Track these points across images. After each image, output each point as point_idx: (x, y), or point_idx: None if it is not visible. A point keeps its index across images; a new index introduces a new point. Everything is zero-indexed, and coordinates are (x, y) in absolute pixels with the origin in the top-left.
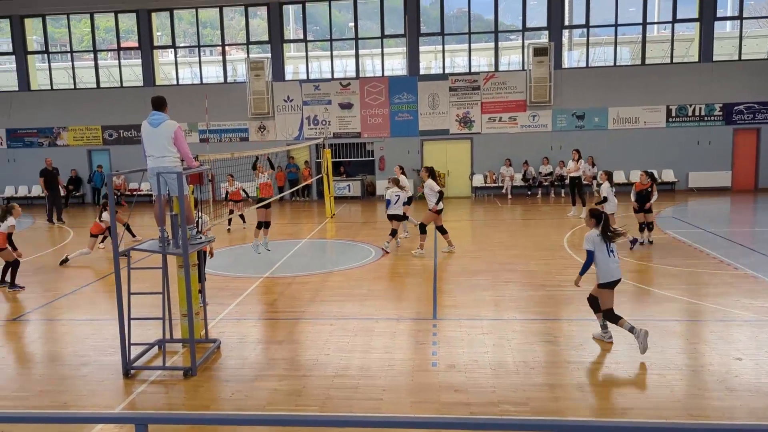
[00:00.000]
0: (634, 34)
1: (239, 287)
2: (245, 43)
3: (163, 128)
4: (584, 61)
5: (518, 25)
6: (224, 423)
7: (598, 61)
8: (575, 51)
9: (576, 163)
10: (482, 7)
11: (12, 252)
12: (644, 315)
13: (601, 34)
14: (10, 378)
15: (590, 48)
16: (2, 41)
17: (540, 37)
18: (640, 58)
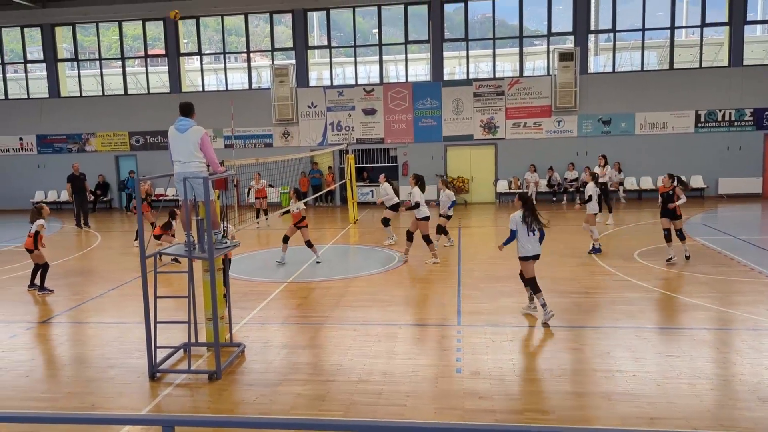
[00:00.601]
0: (661, 39)
1: (263, 292)
2: (270, 49)
3: (190, 134)
4: (611, 66)
5: (543, 30)
6: (250, 426)
7: (625, 66)
8: (601, 56)
9: (602, 169)
10: (507, 13)
11: (42, 254)
12: (673, 323)
13: (627, 39)
14: (40, 380)
15: (617, 53)
16: (33, 49)
17: (565, 42)
18: (668, 63)
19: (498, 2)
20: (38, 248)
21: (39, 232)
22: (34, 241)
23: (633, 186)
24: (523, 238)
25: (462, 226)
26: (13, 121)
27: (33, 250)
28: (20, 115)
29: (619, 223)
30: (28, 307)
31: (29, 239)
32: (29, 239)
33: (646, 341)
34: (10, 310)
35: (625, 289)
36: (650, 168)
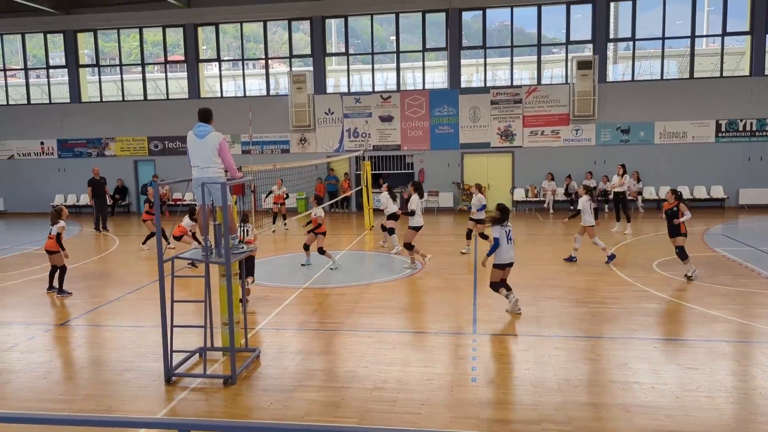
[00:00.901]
0: (681, 48)
1: (278, 297)
2: (288, 56)
3: (209, 139)
4: (629, 75)
5: (561, 39)
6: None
7: (644, 74)
8: (620, 64)
9: (621, 178)
10: (525, 21)
11: (62, 255)
12: (692, 335)
13: (647, 47)
14: (57, 381)
15: (636, 61)
16: (56, 55)
17: (584, 50)
18: (689, 72)
19: (516, 10)
20: (63, 249)
21: (60, 234)
22: (56, 242)
23: (652, 195)
24: (503, 247)
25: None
26: (35, 125)
27: (54, 252)
28: (42, 120)
29: (638, 232)
30: (46, 309)
31: (50, 241)
32: (50, 241)
33: (665, 353)
34: (29, 312)
35: (643, 299)
36: (669, 177)
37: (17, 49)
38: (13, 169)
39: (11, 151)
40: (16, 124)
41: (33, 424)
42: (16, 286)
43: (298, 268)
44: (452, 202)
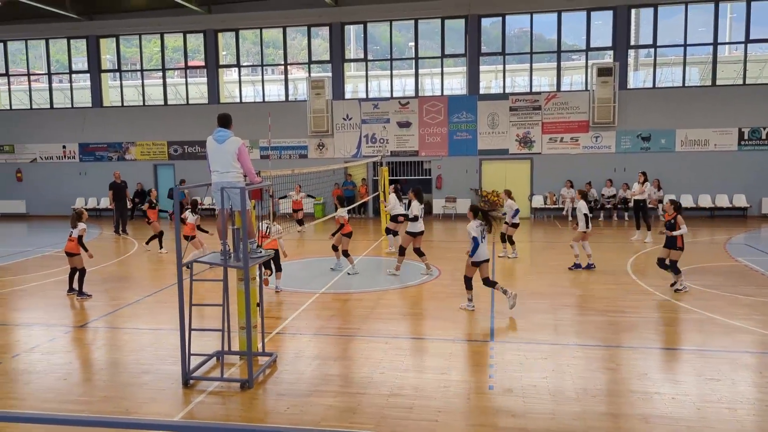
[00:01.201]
0: (704, 55)
1: (295, 302)
2: (307, 62)
3: (228, 144)
4: (650, 82)
5: (581, 45)
6: None
7: (666, 81)
8: (641, 71)
9: (641, 186)
10: (544, 27)
11: (83, 258)
12: (714, 345)
13: (668, 54)
14: (77, 383)
15: (657, 68)
16: (78, 60)
17: (604, 57)
18: (711, 79)
19: (536, 17)
20: (87, 251)
21: (81, 236)
22: (76, 245)
23: (690, 204)
24: (481, 245)
25: (496, 241)
26: (58, 129)
27: (74, 254)
28: (64, 124)
29: (658, 241)
30: (66, 311)
31: (70, 243)
32: (70, 243)
33: (686, 363)
34: (50, 313)
35: (663, 309)
36: (691, 185)
37: (41, 54)
38: (35, 173)
39: (34, 155)
40: (39, 128)
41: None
42: (37, 288)
43: (316, 273)
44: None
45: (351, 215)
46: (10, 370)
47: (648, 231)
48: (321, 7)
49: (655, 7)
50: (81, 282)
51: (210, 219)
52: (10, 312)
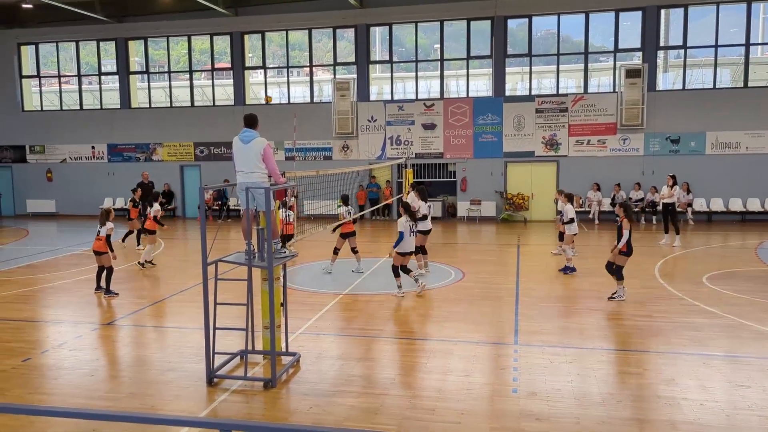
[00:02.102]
0: (735, 56)
1: (319, 303)
2: (332, 64)
3: (254, 145)
4: (680, 83)
5: (609, 46)
6: None
7: (696, 83)
8: (671, 72)
9: (670, 189)
10: (572, 29)
11: (110, 257)
12: (744, 351)
13: (699, 56)
14: (103, 380)
15: (687, 69)
16: (108, 62)
17: (632, 59)
18: (743, 81)
19: (563, 18)
20: (112, 251)
21: (109, 235)
22: (104, 243)
23: (702, 207)
24: (406, 239)
25: (521, 244)
26: (87, 130)
27: (102, 253)
28: (93, 125)
29: (687, 245)
30: (94, 308)
31: (98, 242)
32: (98, 242)
33: (715, 369)
34: (77, 311)
35: (692, 314)
36: (721, 189)
37: (71, 57)
38: (65, 173)
39: (64, 155)
40: (69, 129)
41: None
42: (66, 286)
43: (339, 273)
44: (495, 212)
45: (375, 217)
46: (39, 366)
47: (677, 235)
48: (346, 9)
49: (686, 8)
50: (108, 280)
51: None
52: (39, 309)
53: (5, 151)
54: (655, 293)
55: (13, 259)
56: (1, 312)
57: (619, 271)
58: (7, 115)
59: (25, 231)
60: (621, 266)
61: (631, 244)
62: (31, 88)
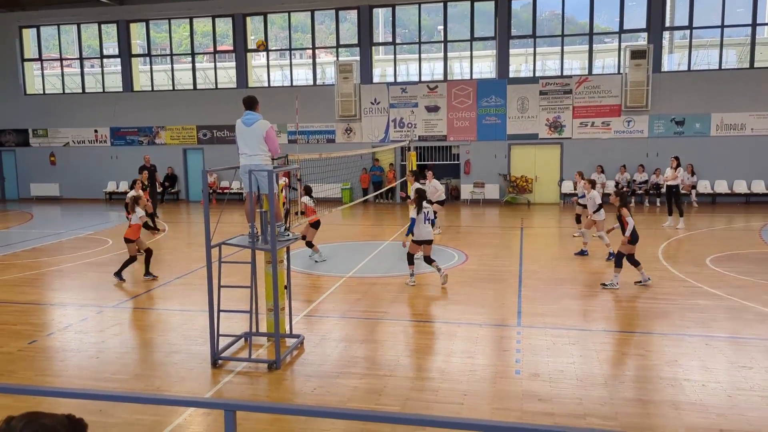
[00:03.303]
0: (741, 36)
1: (323, 285)
2: (335, 46)
3: (257, 127)
4: (686, 64)
5: (614, 27)
6: (312, 415)
7: (702, 64)
8: (676, 54)
9: (674, 171)
10: (576, 10)
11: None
12: (747, 333)
13: (705, 36)
14: (109, 362)
15: (693, 50)
16: (109, 45)
17: (638, 40)
18: (749, 62)
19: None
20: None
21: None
22: (137, 231)
23: (706, 189)
24: (420, 226)
25: (525, 227)
26: (90, 114)
27: (131, 240)
28: (96, 108)
29: (691, 227)
30: (99, 291)
31: (129, 230)
32: (129, 230)
33: (717, 350)
34: (82, 294)
35: (695, 296)
36: (726, 171)
37: (73, 40)
38: (68, 156)
39: (67, 139)
40: (72, 112)
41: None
42: (71, 269)
43: (342, 257)
44: (498, 194)
45: (379, 200)
46: (45, 348)
47: (681, 217)
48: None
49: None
50: (125, 266)
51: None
52: (45, 292)
53: (8, 134)
54: (658, 275)
55: (17, 242)
56: (7, 295)
57: (619, 259)
58: (9, 98)
59: (29, 215)
60: (624, 254)
61: (635, 232)
62: (33, 72)
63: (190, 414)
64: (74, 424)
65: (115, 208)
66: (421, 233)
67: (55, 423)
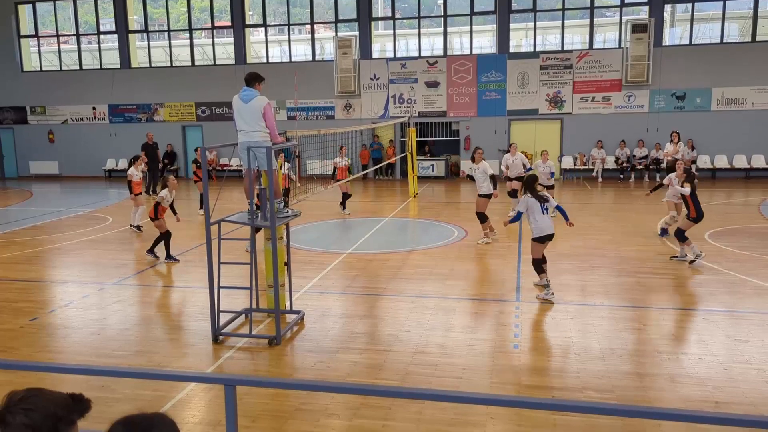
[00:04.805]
0: (744, 10)
1: (323, 262)
2: (333, 21)
3: (254, 103)
4: (687, 38)
5: (615, 1)
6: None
7: (703, 38)
8: (678, 27)
9: (675, 146)
10: None
11: (162, 223)
12: (744, 307)
13: (707, 10)
14: (110, 338)
15: (695, 24)
16: (106, 21)
17: (639, 13)
18: (750, 35)
19: None
20: (159, 218)
21: (159, 203)
22: (154, 210)
23: (706, 164)
24: (538, 219)
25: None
26: (87, 91)
27: (153, 219)
28: (93, 85)
29: None
30: (99, 269)
31: (152, 208)
32: (152, 208)
33: (714, 324)
34: (83, 271)
35: (693, 270)
36: (726, 146)
37: (69, 16)
38: (67, 134)
39: (65, 116)
40: (69, 89)
41: (92, 375)
42: (71, 247)
43: (343, 233)
44: (498, 170)
45: (378, 177)
46: (47, 325)
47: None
48: None
49: None
50: (156, 243)
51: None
52: (45, 269)
53: (6, 112)
54: (657, 250)
55: (17, 220)
56: (8, 273)
57: (681, 234)
58: (6, 76)
59: (29, 192)
60: (684, 229)
61: (701, 211)
62: (29, 49)
63: (192, 389)
64: (78, 403)
65: (114, 186)
66: (541, 228)
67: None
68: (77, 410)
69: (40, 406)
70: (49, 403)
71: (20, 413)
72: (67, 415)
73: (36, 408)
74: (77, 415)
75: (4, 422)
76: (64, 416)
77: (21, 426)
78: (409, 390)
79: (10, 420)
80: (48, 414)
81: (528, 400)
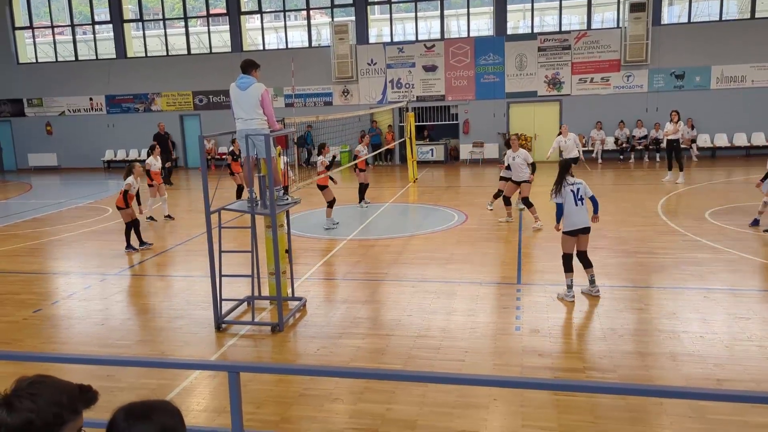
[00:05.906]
0: None
1: (324, 248)
2: (329, 6)
3: (252, 91)
4: (686, 16)
5: None
6: (314, 374)
7: (702, 15)
8: (676, 6)
9: (675, 125)
10: None
11: (130, 212)
12: (745, 285)
13: None
14: (114, 328)
15: (693, 1)
16: (101, 11)
17: None
18: (750, 12)
19: None
20: (127, 207)
21: (128, 191)
22: (123, 198)
23: (706, 143)
24: (569, 211)
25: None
26: (84, 81)
27: (121, 208)
28: (90, 76)
29: (691, 181)
30: (101, 260)
31: (120, 197)
32: (120, 197)
33: (715, 302)
34: (84, 262)
35: (694, 249)
36: (725, 124)
37: (63, 6)
38: (64, 126)
39: (62, 108)
40: (66, 80)
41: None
42: (72, 238)
43: (342, 220)
44: (498, 154)
45: (377, 162)
46: (50, 316)
47: (681, 171)
48: None
49: None
50: (137, 233)
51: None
52: (47, 261)
53: (3, 104)
54: (657, 230)
55: (17, 213)
56: (10, 265)
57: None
58: (2, 68)
59: (28, 185)
60: None
61: None
62: (24, 40)
63: (196, 377)
64: (85, 394)
65: (114, 177)
66: (573, 220)
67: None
68: (83, 400)
69: (47, 392)
70: (56, 390)
71: (27, 398)
72: (72, 403)
73: (43, 394)
74: (83, 405)
75: (11, 406)
76: (69, 405)
77: (26, 410)
78: (412, 373)
79: (17, 404)
80: (54, 401)
81: (531, 381)
